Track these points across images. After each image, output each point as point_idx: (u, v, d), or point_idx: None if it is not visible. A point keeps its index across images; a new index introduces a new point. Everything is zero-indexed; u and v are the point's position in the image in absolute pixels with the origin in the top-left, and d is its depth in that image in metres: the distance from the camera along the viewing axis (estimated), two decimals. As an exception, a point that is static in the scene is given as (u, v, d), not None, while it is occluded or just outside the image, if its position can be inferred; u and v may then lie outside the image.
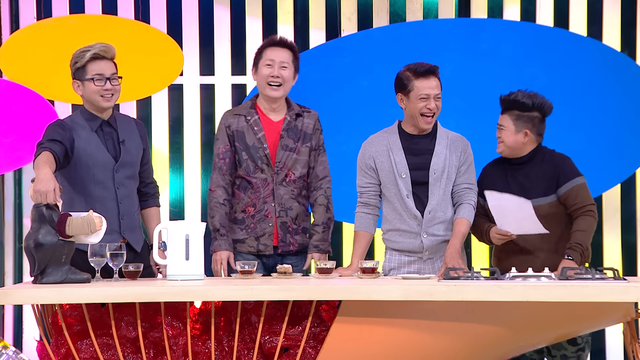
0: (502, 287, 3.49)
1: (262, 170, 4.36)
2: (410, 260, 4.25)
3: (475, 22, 5.57)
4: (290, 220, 4.37)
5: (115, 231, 4.02)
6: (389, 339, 3.63)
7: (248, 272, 3.86)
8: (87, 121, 4.07)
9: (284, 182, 4.37)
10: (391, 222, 4.26)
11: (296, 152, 4.37)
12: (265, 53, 4.39)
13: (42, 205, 3.60)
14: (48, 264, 3.59)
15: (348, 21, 5.70)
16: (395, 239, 4.26)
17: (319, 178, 4.42)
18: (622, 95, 5.38)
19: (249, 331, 3.68)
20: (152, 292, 3.53)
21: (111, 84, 4.04)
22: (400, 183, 4.21)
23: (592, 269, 3.70)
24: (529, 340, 3.77)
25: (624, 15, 5.67)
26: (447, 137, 4.28)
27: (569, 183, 4.15)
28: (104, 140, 4.07)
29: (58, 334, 3.63)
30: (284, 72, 4.36)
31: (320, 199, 4.40)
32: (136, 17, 5.64)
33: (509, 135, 4.22)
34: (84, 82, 4.04)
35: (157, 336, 3.64)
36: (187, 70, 5.69)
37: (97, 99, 4.04)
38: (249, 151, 4.36)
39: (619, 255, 5.65)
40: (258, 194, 4.37)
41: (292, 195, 4.37)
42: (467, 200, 4.22)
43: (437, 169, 4.21)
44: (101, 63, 4.03)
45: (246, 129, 4.37)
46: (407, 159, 4.22)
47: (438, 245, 4.23)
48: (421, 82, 4.17)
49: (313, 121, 4.43)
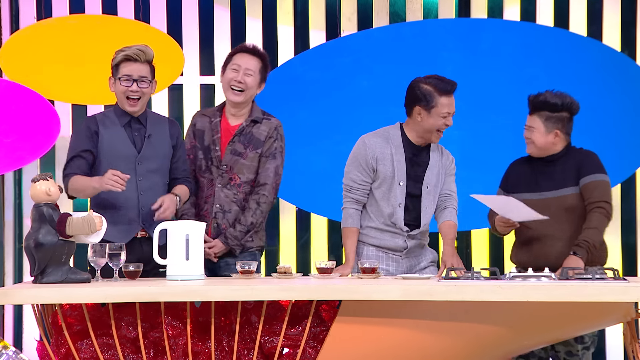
0: (502, 287, 3.49)
1: (211, 171, 4.41)
2: (387, 256, 4.27)
3: (475, 22, 5.57)
4: (226, 223, 4.38)
5: (135, 221, 4.11)
6: (389, 338, 3.63)
7: (248, 272, 3.86)
8: (118, 117, 4.19)
9: (228, 184, 4.39)
10: (374, 221, 4.27)
11: (243, 157, 4.38)
12: (234, 58, 4.43)
13: (42, 205, 3.60)
14: (48, 264, 3.59)
15: (348, 21, 5.70)
16: (378, 236, 4.27)
17: (259, 184, 4.40)
18: (622, 95, 5.39)
19: (249, 331, 3.68)
20: (152, 292, 3.53)
21: (138, 86, 4.13)
22: (397, 190, 4.23)
23: (593, 269, 3.69)
24: (529, 340, 3.76)
25: (624, 15, 5.68)
26: (438, 150, 4.31)
27: (589, 176, 4.13)
28: (131, 135, 4.17)
29: (58, 333, 3.63)
30: (248, 78, 4.38)
31: (251, 202, 4.38)
32: (136, 17, 5.64)
33: (539, 137, 4.21)
34: (116, 80, 4.16)
35: (157, 336, 3.64)
36: (187, 70, 5.70)
37: (123, 100, 4.15)
38: (204, 151, 4.42)
39: (619, 255, 5.65)
40: (202, 193, 4.43)
41: (233, 199, 4.38)
42: (450, 205, 4.29)
43: (429, 183, 4.26)
44: (133, 65, 4.13)
45: (207, 130, 4.43)
46: (407, 168, 4.25)
47: (418, 247, 4.31)
48: (446, 100, 4.18)
49: (268, 129, 4.42)
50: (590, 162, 4.18)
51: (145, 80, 4.14)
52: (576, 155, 4.22)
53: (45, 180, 3.64)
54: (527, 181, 4.23)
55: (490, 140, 4.69)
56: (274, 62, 5.67)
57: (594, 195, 4.11)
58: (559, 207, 4.15)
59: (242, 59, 4.41)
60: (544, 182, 4.20)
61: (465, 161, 5.26)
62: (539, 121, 4.20)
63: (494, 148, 5.29)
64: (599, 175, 4.15)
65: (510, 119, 5.33)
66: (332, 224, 5.70)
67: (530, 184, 4.21)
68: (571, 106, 4.19)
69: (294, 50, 5.72)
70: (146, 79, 4.14)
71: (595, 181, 4.14)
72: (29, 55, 5.34)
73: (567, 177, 4.18)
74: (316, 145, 5.47)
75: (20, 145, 5.27)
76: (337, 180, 4.71)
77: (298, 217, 5.77)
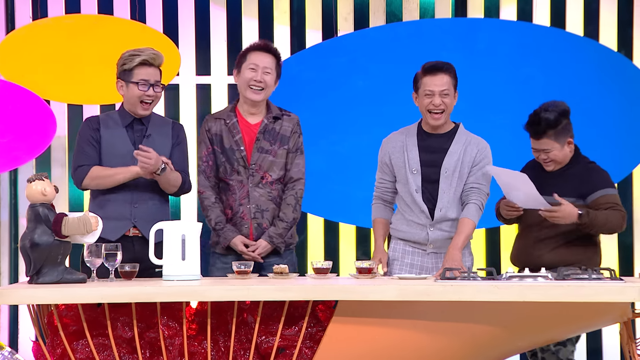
0: (498, 288, 3.49)
1: (239, 172, 4.39)
2: (414, 250, 4.28)
3: (471, 21, 5.56)
4: (266, 222, 4.38)
5: (126, 218, 4.11)
6: (386, 339, 3.63)
7: (244, 272, 3.86)
8: (121, 118, 4.22)
9: (260, 184, 4.38)
10: (403, 214, 4.31)
11: (272, 155, 4.38)
12: (249, 56, 4.42)
13: (38, 205, 3.60)
14: (44, 264, 3.59)
15: (344, 21, 5.69)
16: (402, 228, 4.30)
17: (293, 180, 4.42)
18: (619, 95, 5.38)
19: (245, 331, 3.68)
20: (148, 292, 3.52)
21: (154, 90, 4.17)
22: (411, 178, 4.25)
23: (589, 269, 3.69)
24: (526, 341, 3.77)
25: (620, 15, 5.67)
26: (466, 139, 4.31)
27: (600, 191, 4.17)
28: (132, 135, 4.19)
29: (54, 334, 3.62)
30: (267, 77, 4.39)
31: (290, 198, 4.40)
32: (132, 17, 5.63)
33: (558, 154, 4.22)
34: (129, 84, 4.17)
35: (153, 336, 3.63)
36: (183, 70, 5.68)
37: (136, 104, 4.17)
38: (227, 154, 4.39)
39: (616, 255, 5.65)
40: (235, 196, 4.39)
41: (269, 197, 4.38)
42: (473, 200, 4.23)
43: (448, 168, 4.24)
44: (149, 69, 4.16)
45: (224, 132, 4.41)
46: (420, 155, 4.27)
47: (443, 240, 4.26)
48: (427, 79, 4.23)
49: (292, 124, 4.44)
50: (597, 178, 4.21)
51: (159, 85, 4.20)
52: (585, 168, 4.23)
53: (41, 180, 3.63)
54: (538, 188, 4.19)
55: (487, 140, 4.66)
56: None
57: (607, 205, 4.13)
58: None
59: (258, 57, 4.40)
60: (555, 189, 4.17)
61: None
62: (551, 142, 4.20)
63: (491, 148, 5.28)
64: (610, 190, 4.19)
65: (507, 119, 5.33)
66: (328, 224, 5.68)
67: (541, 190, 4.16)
68: (565, 111, 4.20)
69: (290, 50, 5.71)
70: (160, 84, 4.20)
71: (608, 195, 4.17)
72: (25, 55, 5.32)
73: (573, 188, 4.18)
74: (312, 146, 5.36)
75: (16, 145, 5.26)
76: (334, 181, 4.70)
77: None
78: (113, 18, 5.54)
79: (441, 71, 4.22)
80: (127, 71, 4.16)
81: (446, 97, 4.23)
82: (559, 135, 4.19)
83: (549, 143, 4.20)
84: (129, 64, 4.16)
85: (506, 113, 5.37)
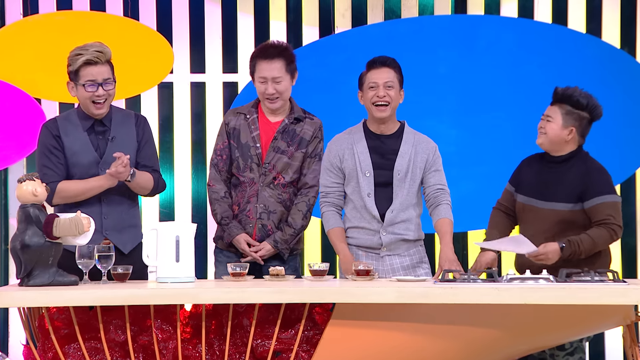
0: (498, 290, 3.48)
1: (251, 169, 4.33)
2: (367, 254, 4.26)
3: (471, 18, 5.55)
4: (272, 224, 4.33)
5: (97, 231, 3.93)
6: (384, 342, 3.61)
7: (239, 275, 3.83)
8: (80, 120, 4.11)
9: (271, 184, 4.33)
10: (351, 220, 4.28)
11: (288, 156, 4.33)
12: (258, 67, 4.33)
13: (29, 206, 3.59)
14: (35, 266, 3.58)
15: (342, 18, 5.68)
16: (355, 235, 4.27)
17: (307, 185, 4.37)
18: (622, 93, 5.37)
19: (240, 335, 3.66)
20: (142, 294, 3.52)
21: (104, 89, 4.06)
22: (363, 181, 4.22)
23: (592, 271, 3.68)
24: (527, 344, 3.75)
25: (623, 12, 5.66)
26: (414, 138, 4.30)
27: (598, 197, 4.11)
28: (95, 140, 4.10)
29: (45, 337, 3.61)
30: (279, 86, 4.32)
31: (301, 204, 4.36)
32: (125, 13, 5.60)
33: (554, 128, 4.17)
34: (77, 86, 4.07)
35: (146, 340, 3.62)
36: (177, 68, 5.65)
37: (88, 105, 4.08)
38: (242, 149, 4.34)
39: (619, 257, 5.64)
40: (244, 192, 4.34)
41: (278, 199, 4.33)
42: (444, 201, 4.25)
43: (401, 170, 4.24)
44: (94, 68, 4.04)
45: (243, 128, 4.36)
46: (372, 157, 4.25)
47: (397, 242, 4.25)
48: (371, 73, 4.26)
49: (313, 128, 4.39)
50: (600, 181, 4.15)
51: (110, 82, 4.07)
52: (585, 168, 4.18)
53: (31, 180, 3.62)
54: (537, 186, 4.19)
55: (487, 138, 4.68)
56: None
57: (602, 215, 4.09)
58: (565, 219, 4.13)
59: (266, 68, 4.31)
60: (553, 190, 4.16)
61: (461, 159, 5.25)
62: (558, 113, 4.16)
63: (490, 146, 5.27)
64: (610, 197, 4.13)
65: (507, 118, 5.33)
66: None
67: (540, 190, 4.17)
68: (595, 109, 4.17)
69: None
70: (110, 81, 4.07)
71: (607, 202, 4.12)
72: (15, 52, 5.31)
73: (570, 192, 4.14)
74: None
75: (6, 144, 5.26)
76: None
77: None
78: (105, 15, 5.52)
79: (385, 65, 4.25)
80: (73, 73, 4.07)
81: (390, 89, 4.22)
82: (569, 115, 4.14)
83: (556, 113, 4.16)
84: (73, 65, 4.05)
85: (506, 112, 5.36)
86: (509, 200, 4.29)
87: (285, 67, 4.33)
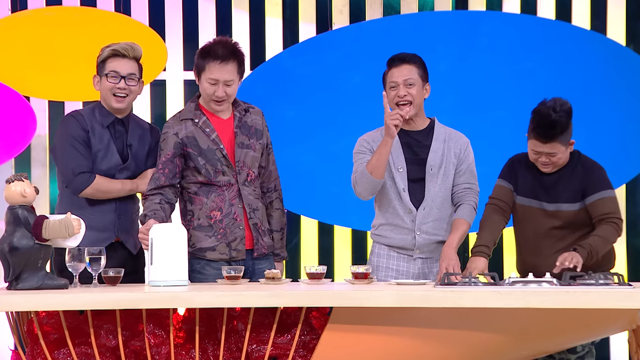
0: (500, 293, 3.45)
1: (224, 172, 4.19)
2: (399, 256, 4.23)
3: (473, 14, 5.55)
4: (259, 221, 4.26)
5: (110, 229, 4.10)
6: (383, 347, 3.59)
7: (234, 278, 3.81)
8: (102, 116, 4.16)
9: (246, 181, 4.23)
10: (384, 216, 4.25)
11: (253, 149, 4.24)
12: (208, 67, 4.13)
13: (17, 207, 3.57)
14: (23, 269, 3.55)
15: (339, 14, 5.68)
16: (387, 234, 4.25)
17: (273, 178, 4.32)
18: (627, 91, 5.37)
19: (235, 339, 3.64)
20: (133, 298, 3.49)
21: (126, 83, 4.11)
22: (397, 177, 4.20)
23: (597, 273, 3.66)
24: (530, 349, 3.73)
25: (629, 8, 5.68)
26: (445, 133, 4.28)
27: (597, 194, 4.10)
28: (114, 138, 4.16)
29: (34, 342, 3.59)
30: (229, 89, 4.16)
31: (277, 202, 4.32)
32: (116, 9, 5.62)
33: (562, 157, 4.12)
34: (102, 77, 4.14)
35: (138, 345, 3.60)
36: (170, 66, 5.67)
37: (109, 97, 4.14)
38: (205, 155, 4.17)
39: (624, 259, 5.64)
40: (223, 196, 4.19)
41: (256, 196, 4.26)
42: (467, 201, 4.22)
43: (433, 165, 4.22)
44: (121, 61, 4.10)
45: (197, 133, 4.18)
46: (405, 152, 4.22)
47: (430, 245, 4.22)
48: (391, 72, 4.23)
49: (260, 117, 4.30)
50: (598, 177, 4.14)
51: (134, 78, 4.12)
52: (582, 167, 4.16)
53: (20, 181, 3.60)
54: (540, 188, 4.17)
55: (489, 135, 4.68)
56: (262, 56, 5.66)
57: (605, 211, 4.08)
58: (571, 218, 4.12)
59: (216, 71, 4.13)
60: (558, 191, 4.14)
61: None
62: (559, 145, 4.08)
63: (490, 145, 5.27)
64: (608, 192, 4.12)
65: (509, 115, 5.34)
66: (322, 227, 5.69)
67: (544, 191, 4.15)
68: (571, 110, 4.09)
69: (283, 44, 5.70)
70: (134, 77, 4.13)
71: (606, 198, 4.10)
72: (4, 49, 5.31)
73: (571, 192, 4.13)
74: (305, 144, 5.45)
75: (-6, 143, 5.32)
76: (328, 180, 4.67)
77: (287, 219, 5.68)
78: (96, 10, 5.52)
79: (404, 62, 4.20)
80: (99, 64, 4.14)
81: (411, 87, 4.17)
82: (565, 138, 4.11)
83: (557, 147, 4.09)
84: (100, 56, 4.15)
85: (509, 109, 5.36)
86: (506, 197, 4.23)
87: (237, 69, 4.18)
